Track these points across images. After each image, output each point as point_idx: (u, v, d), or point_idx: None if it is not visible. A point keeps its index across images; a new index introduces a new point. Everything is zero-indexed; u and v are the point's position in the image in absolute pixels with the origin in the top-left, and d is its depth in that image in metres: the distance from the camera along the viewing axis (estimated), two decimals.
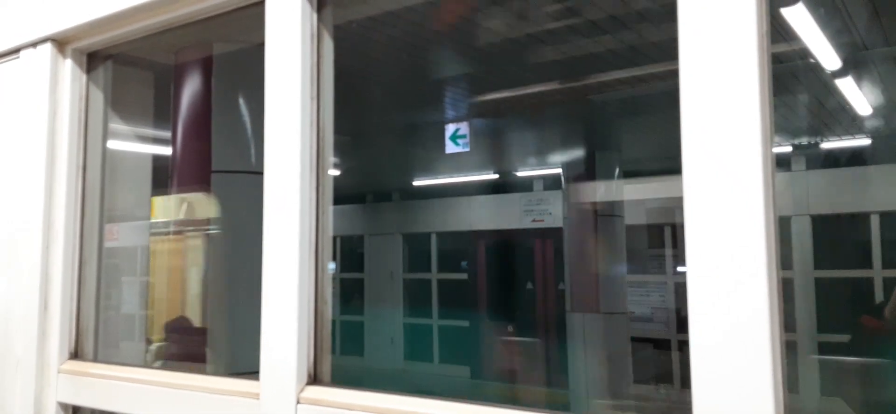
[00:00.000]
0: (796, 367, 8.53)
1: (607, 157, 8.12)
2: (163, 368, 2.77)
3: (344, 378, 1.30)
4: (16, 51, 1.88)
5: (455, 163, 10.36)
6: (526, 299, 12.17)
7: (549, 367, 10.95)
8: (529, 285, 12.20)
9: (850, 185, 9.48)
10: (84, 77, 1.85)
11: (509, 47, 5.23)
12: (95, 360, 1.78)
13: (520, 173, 12.02)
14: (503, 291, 12.48)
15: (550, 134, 8.90)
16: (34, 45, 1.83)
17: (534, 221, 12.01)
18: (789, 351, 0.88)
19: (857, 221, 9.71)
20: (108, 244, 1.91)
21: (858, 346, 6.52)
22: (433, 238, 13.85)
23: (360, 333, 14.08)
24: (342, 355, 13.14)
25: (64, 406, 1.73)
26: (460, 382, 12.00)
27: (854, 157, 9.19)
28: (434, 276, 13.82)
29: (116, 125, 2.05)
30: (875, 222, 9.55)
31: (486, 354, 11.96)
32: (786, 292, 0.96)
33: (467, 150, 7.23)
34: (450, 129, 7.20)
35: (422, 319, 13.69)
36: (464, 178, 11.89)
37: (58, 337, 1.75)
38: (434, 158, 10.15)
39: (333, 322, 1.39)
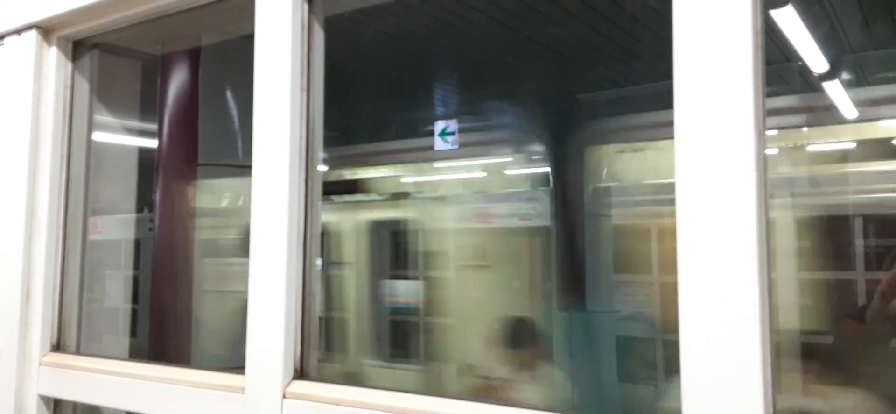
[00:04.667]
0: None
1: None
2: None
3: None
4: (0, 38, 1.85)
5: None
6: None
7: None
8: None
9: None
10: (69, 66, 1.82)
11: None
12: (78, 352, 1.76)
13: None
14: None
15: None
16: (18, 32, 1.80)
17: None
18: None
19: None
20: (91, 238, 1.89)
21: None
22: None
23: None
24: None
25: (45, 399, 1.70)
26: None
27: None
28: None
29: (102, 116, 2.02)
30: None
31: None
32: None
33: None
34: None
35: None
36: None
37: (40, 329, 1.72)
38: None
39: None
